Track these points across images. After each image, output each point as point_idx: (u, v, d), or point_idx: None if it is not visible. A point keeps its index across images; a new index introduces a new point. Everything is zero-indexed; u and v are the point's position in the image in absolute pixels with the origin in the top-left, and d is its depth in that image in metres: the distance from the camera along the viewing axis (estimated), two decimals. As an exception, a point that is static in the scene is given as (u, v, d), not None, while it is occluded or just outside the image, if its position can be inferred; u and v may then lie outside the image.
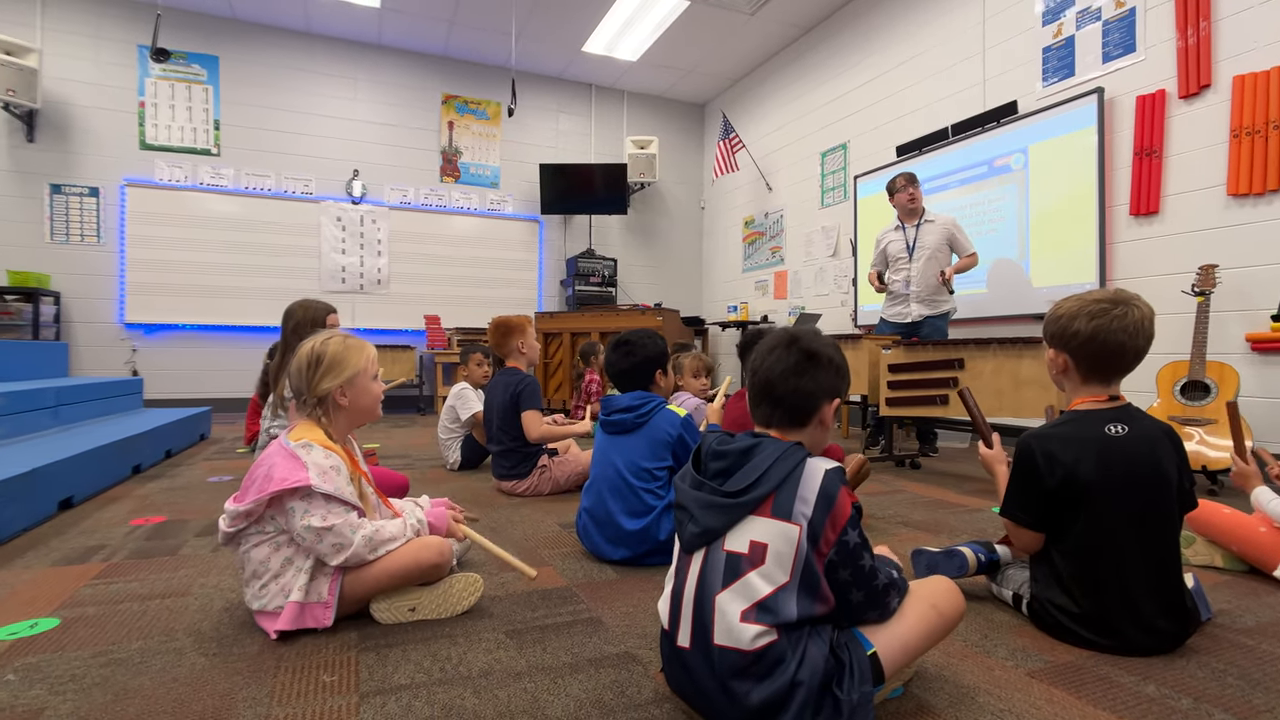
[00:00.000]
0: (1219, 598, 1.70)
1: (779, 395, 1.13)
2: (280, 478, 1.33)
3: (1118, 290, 1.41)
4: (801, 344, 1.15)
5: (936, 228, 4.18)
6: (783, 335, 1.19)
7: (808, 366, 1.13)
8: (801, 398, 1.13)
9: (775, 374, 1.14)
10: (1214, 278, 3.27)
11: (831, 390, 1.14)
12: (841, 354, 1.19)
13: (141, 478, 3.06)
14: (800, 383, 1.12)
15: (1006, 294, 4.80)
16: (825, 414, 1.15)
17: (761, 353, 1.19)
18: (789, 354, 1.14)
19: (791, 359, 1.14)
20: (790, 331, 1.19)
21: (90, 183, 5.85)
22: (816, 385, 1.13)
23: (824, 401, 1.14)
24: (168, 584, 1.67)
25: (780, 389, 1.13)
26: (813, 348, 1.14)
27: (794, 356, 1.14)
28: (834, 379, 1.15)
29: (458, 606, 1.51)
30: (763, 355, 1.18)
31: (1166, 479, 1.35)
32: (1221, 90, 3.46)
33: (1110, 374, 1.42)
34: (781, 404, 1.14)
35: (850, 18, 6.07)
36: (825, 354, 1.15)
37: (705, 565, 1.03)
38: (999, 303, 4.86)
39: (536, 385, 2.89)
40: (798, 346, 1.15)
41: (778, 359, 1.15)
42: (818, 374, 1.13)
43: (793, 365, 1.13)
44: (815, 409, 1.14)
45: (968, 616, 1.55)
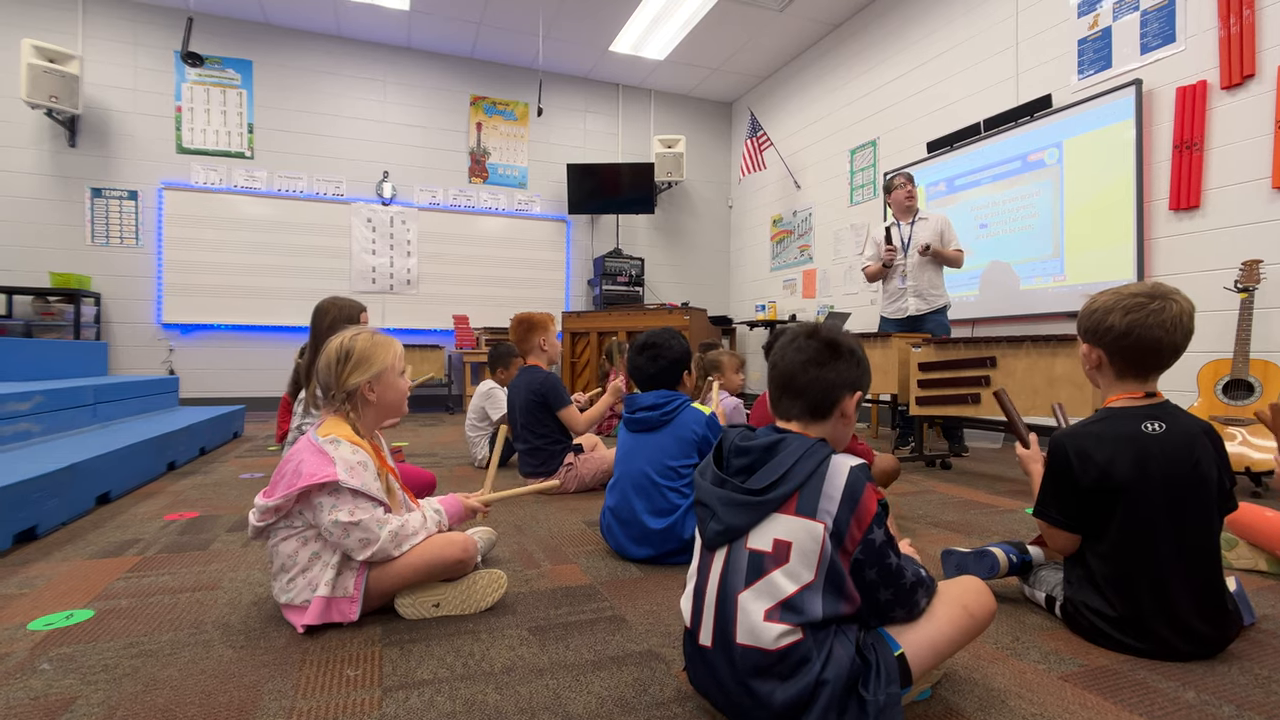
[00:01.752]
0: (1263, 603, 1.63)
1: (800, 386, 1.12)
2: (309, 473, 1.35)
3: (1155, 283, 1.37)
4: (822, 335, 1.14)
5: (929, 225, 4.28)
6: (803, 327, 1.17)
7: (828, 357, 1.11)
8: (822, 388, 1.11)
9: (795, 365, 1.12)
10: (1258, 273, 3.16)
11: (853, 382, 1.12)
12: (862, 349, 1.17)
13: (176, 474, 3.13)
14: (821, 373, 1.11)
15: (996, 296, 4.85)
16: (847, 406, 1.12)
17: (782, 345, 1.17)
18: (809, 344, 1.13)
19: (811, 349, 1.12)
20: (808, 326, 1.17)
21: (129, 186, 6.01)
22: (837, 375, 1.11)
23: (845, 393, 1.12)
24: (198, 578, 1.71)
25: (800, 380, 1.12)
26: (833, 339, 1.13)
27: (814, 347, 1.12)
28: (855, 371, 1.13)
29: (481, 603, 1.51)
30: (783, 348, 1.17)
31: (1205, 479, 1.31)
32: (1266, 80, 3.34)
33: (1146, 371, 1.37)
34: (802, 395, 1.12)
35: (880, 13, 5.99)
36: (846, 345, 1.13)
37: (728, 563, 1.02)
38: (990, 304, 4.90)
39: (560, 381, 2.90)
40: (818, 337, 1.13)
41: (798, 349, 1.13)
42: (838, 365, 1.11)
43: (813, 355, 1.11)
44: (836, 401, 1.12)
45: (998, 618, 1.52)
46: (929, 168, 5.44)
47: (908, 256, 4.30)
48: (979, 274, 4.97)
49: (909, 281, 4.30)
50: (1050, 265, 4.49)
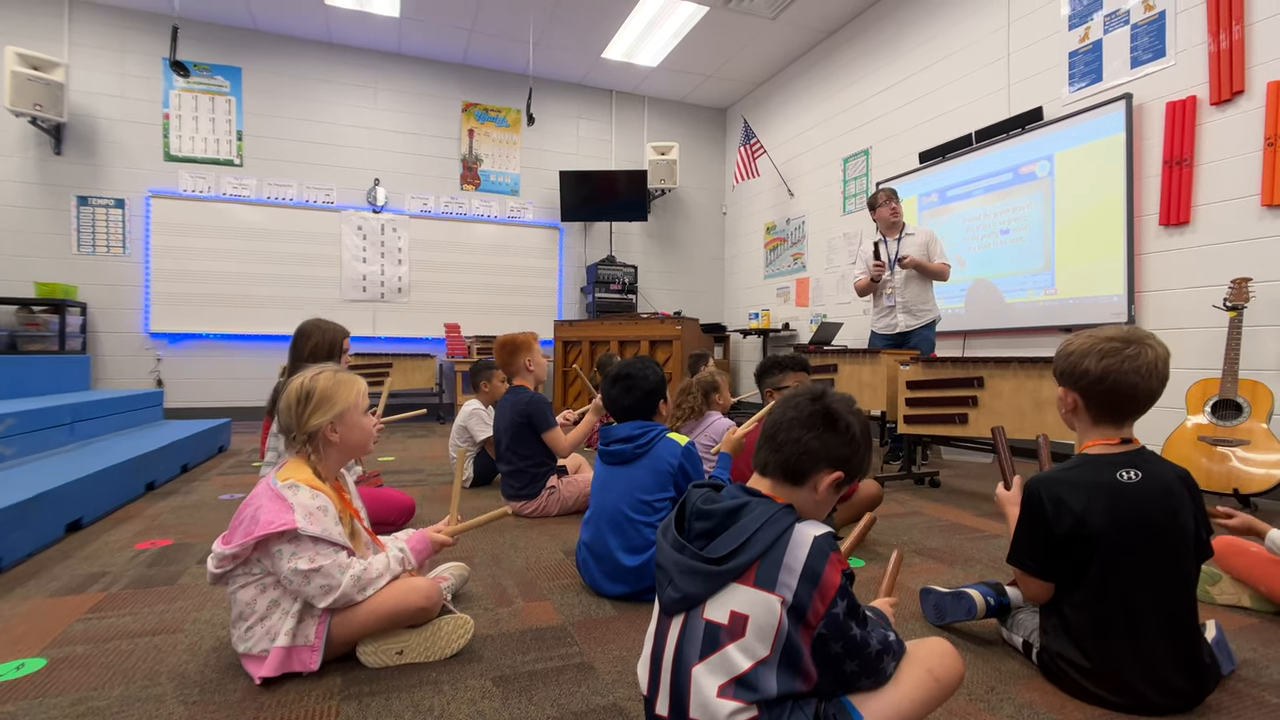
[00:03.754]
0: (1245, 644, 1.61)
1: (780, 442, 1.07)
2: (266, 520, 1.32)
3: (1132, 328, 1.34)
4: (824, 401, 1.08)
5: (916, 241, 4.30)
6: (810, 389, 1.12)
7: (819, 424, 1.06)
8: (801, 453, 1.05)
9: (785, 421, 1.08)
10: (1247, 291, 3.14)
11: (837, 460, 1.06)
12: (864, 426, 1.10)
13: (155, 495, 3.09)
14: (805, 437, 1.05)
15: (982, 312, 4.88)
16: (821, 481, 1.06)
17: (783, 400, 1.13)
18: (808, 406, 1.08)
19: (806, 412, 1.07)
20: (820, 389, 1.12)
21: (116, 194, 5.97)
22: (821, 446, 1.05)
23: (823, 467, 1.06)
24: (161, 618, 1.67)
25: (782, 436, 1.07)
26: (832, 409, 1.07)
27: (811, 409, 1.07)
28: (844, 449, 1.07)
29: (447, 649, 1.48)
30: (783, 401, 1.12)
31: (1182, 529, 1.28)
32: (1255, 97, 3.32)
33: (1122, 416, 1.34)
34: (779, 453, 1.07)
35: (872, 21, 5.96)
36: (845, 420, 1.07)
37: (684, 633, 0.99)
38: (975, 318, 4.93)
39: (546, 403, 2.87)
40: (820, 402, 1.08)
41: (795, 407, 1.09)
42: (827, 436, 1.06)
43: (805, 417, 1.07)
44: (812, 471, 1.06)
45: (975, 664, 1.49)
46: (921, 178, 5.42)
47: (894, 273, 4.30)
48: (965, 288, 4.96)
49: (897, 297, 4.31)
50: (1041, 279, 4.47)
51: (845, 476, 1.08)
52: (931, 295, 4.34)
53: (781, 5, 5.95)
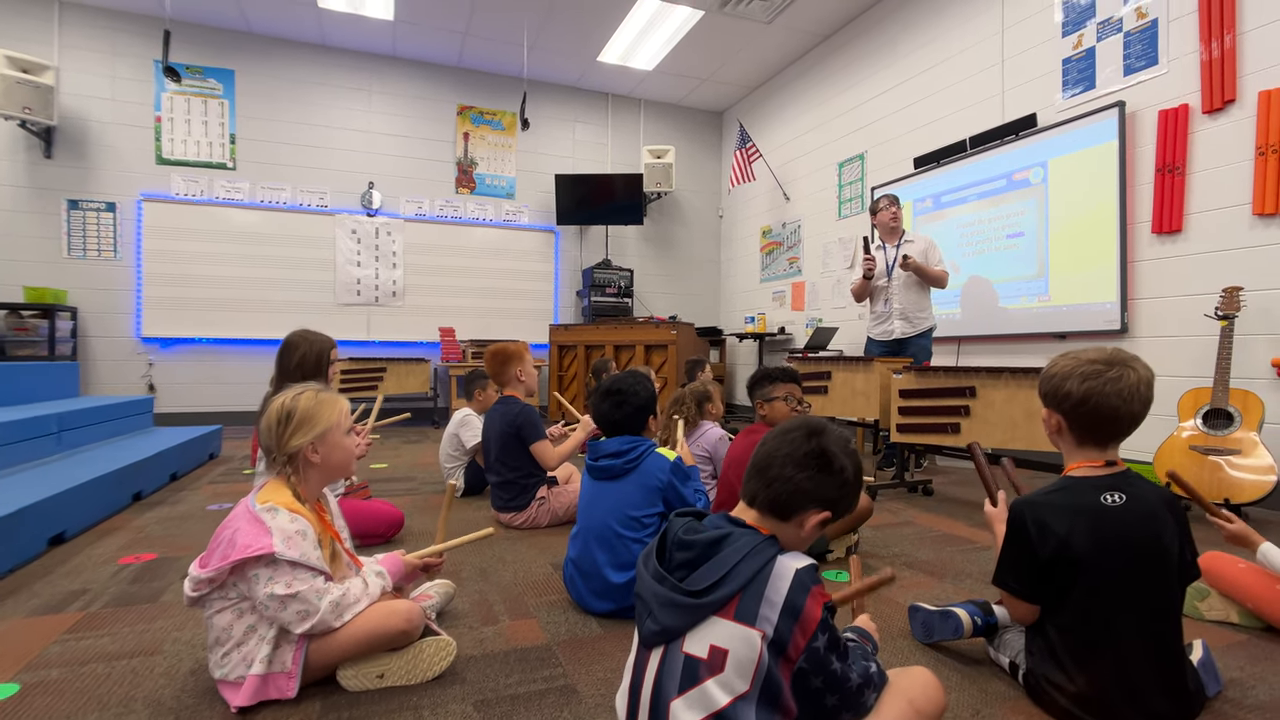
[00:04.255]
0: (1232, 662, 1.60)
1: (771, 477, 1.06)
2: (243, 544, 1.30)
3: (1115, 350, 1.33)
4: (820, 441, 1.07)
5: (914, 247, 4.28)
6: (808, 423, 1.10)
7: (813, 465, 1.05)
8: (791, 492, 1.05)
9: (778, 455, 1.07)
10: (1238, 301, 3.13)
11: (826, 501, 1.06)
12: (857, 469, 1.09)
13: (142, 505, 3.07)
14: (798, 476, 1.04)
15: (976, 316, 4.84)
16: (809, 521, 1.06)
17: (778, 430, 1.12)
18: (804, 443, 1.06)
19: (802, 449, 1.06)
20: (818, 424, 1.10)
21: (107, 198, 5.93)
22: (813, 487, 1.05)
23: (813, 507, 1.06)
24: (140, 639, 1.65)
25: (774, 472, 1.06)
26: (829, 450, 1.06)
27: (806, 447, 1.06)
28: (834, 491, 1.06)
29: (428, 672, 1.47)
30: (778, 433, 1.11)
31: (1165, 552, 1.27)
32: (1247, 106, 3.32)
33: (1105, 438, 1.33)
34: (770, 488, 1.06)
35: (868, 26, 5.96)
36: (839, 462, 1.06)
37: (663, 666, 0.98)
38: (971, 323, 4.89)
39: (536, 414, 2.85)
40: (816, 441, 1.06)
41: (790, 442, 1.07)
42: (820, 478, 1.05)
43: (800, 456, 1.05)
44: (801, 510, 1.06)
45: (962, 685, 1.48)
46: (916, 183, 5.41)
47: (892, 279, 4.29)
48: (958, 292, 4.95)
49: (894, 304, 4.30)
50: (1035, 285, 4.47)
51: (833, 516, 1.07)
52: (929, 303, 4.34)
53: (777, 10, 5.94)
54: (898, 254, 4.31)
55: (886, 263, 4.35)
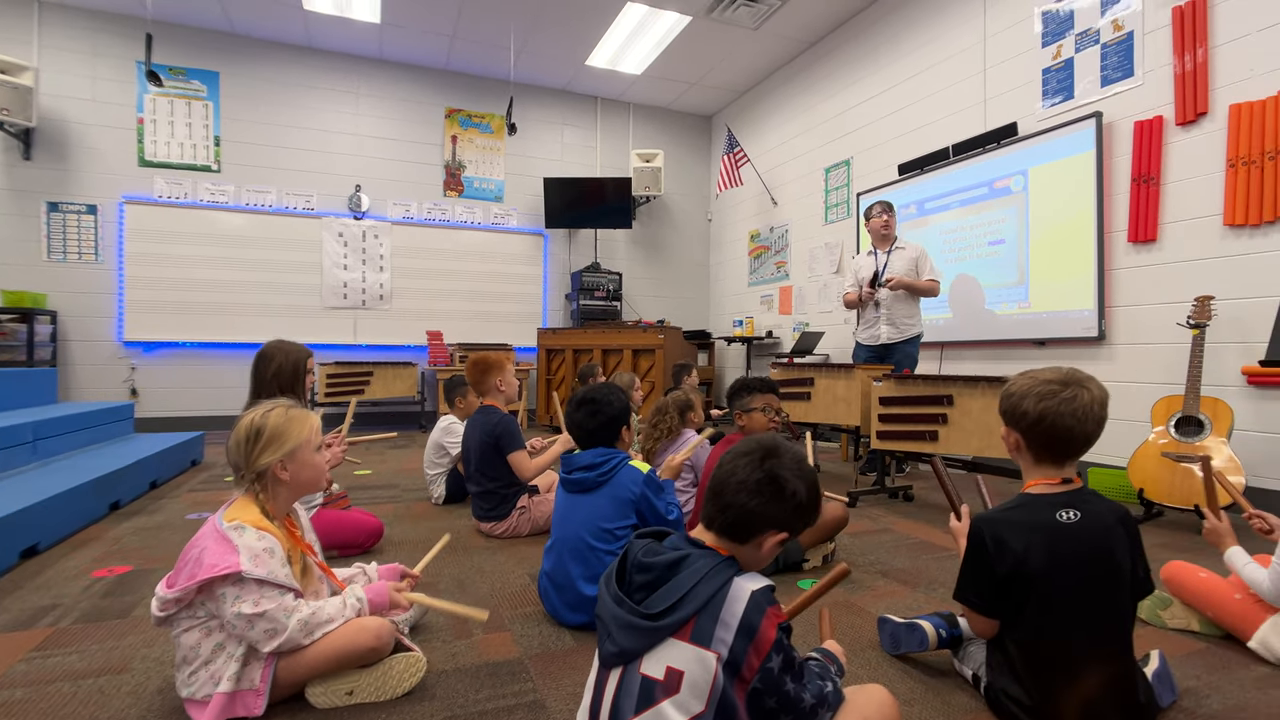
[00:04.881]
0: (1190, 671, 1.64)
1: (726, 503, 1.08)
2: (210, 564, 1.31)
3: (1070, 371, 1.36)
4: (770, 465, 1.08)
5: (905, 255, 4.33)
6: (761, 444, 1.12)
7: (767, 491, 1.07)
8: (747, 517, 1.07)
9: (732, 481, 1.08)
10: (1209, 310, 3.18)
11: (782, 524, 1.08)
12: (811, 489, 1.10)
13: (119, 514, 3.05)
14: (751, 503, 1.06)
15: (960, 320, 4.86)
16: (766, 542, 1.08)
17: (734, 452, 1.13)
18: (756, 469, 1.08)
19: (754, 476, 1.07)
20: (770, 445, 1.12)
21: (88, 200, 5.89)
22: (766, 512, 1.07)
23: (769, 531, 1.08)
24: (109, 656, 1.65)
25: (729, 498, 1.08)
26: (780, 474, 1.07)
27: (758, 474, 1.07)
28: (788, 515, 1.08)
29: (398, 688, 1.47)
30: (733, 456, 1.12)
31: (1119, 568, 1.30)
32: (1218, 118, 3.37)
33: (1061, 457, 1.36)
34: (725, 513, 1.08)
35: (854, 33, 6.00)
36: (790, 487, 1.07)
37: (621, 686, 0.99)
38: (958, 328, 4.91)
39: (515, 425, 2.86)
40: (768, 465, 1.08)
41: (743, 467, 1.09)
42: (771, 504, 1.07)
43: (753, 483, 1.07)
44: (757, 533, 1.08)
45: (926, 696, 1.51)
46: (900, 190, 5.45)
47: (881, 286, 4.33)
48: (946, 296, 4.98)
49: (883, 310, 4.34)
50: (1016, 292, 4.52)
51: (790, 535, 1.09)
52: (918, 310, 4.38)
53: (763, 16, 5.98)
54: (889, 260, 4.35)
55: (877, 269, 4.38)
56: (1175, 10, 3.55)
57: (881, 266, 4.37)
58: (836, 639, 1.37)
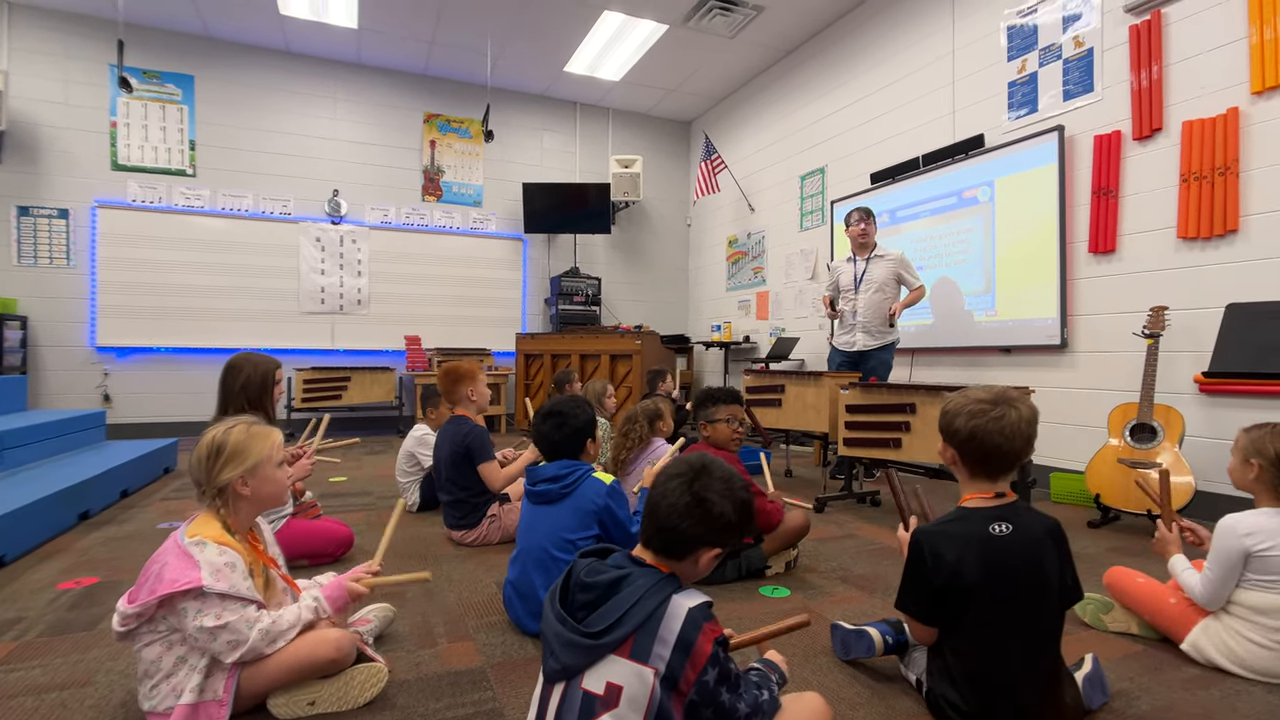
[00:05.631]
0: (1124, 673, 1.71)
1: (658, 525, 1.14)
2: (170, 579, 1.34)
3: (1001, 390, 1.42)
4: (698, 487, 1.13)
5: (885, 264, 4.36)
6: (690, 466, 1.17)
7: (695, 513, 1.12)
8: (680, 537, 1.12)
9: (664, 505, 1.14)
10: (1163, 320, 3.29)
11: (713, 542, 1.13)
12: (740, 507, 1.15)
13: (89, 525, 3.04)
14: (681, 525, 1.11)
15: (951, 322, 4.87)
16: (702, 557, 1.14)
17: (666, 474, 1.18)
18: (684, 493, 1.13)
19: (683, 500, 1.12)
20: (698, 466, 1.16)
21: (60, 204, 5.82)
22: (698, 533, 1.12)
23: (703, 548, 1.13)
24: (73, 670, 1.67)
25: (661, 520, 1.13)
26: (707, 497, 1.12)
27: (685, 498, 1.12)
28: (718, 534, 1.13)
29: (359, 698, 1.51)
30: (665, 478, 1.18)
31: (1047, 578, 1.37)
32: (1172, 134, 3.48)
33: (994, 472, 1.43)
34: (660, 534, 1.14)
35: (828, 42, 6.09)
36: (717, 509, 1.12)
37: (563, 701, 1.04)
38: (945, 334, 4.93)
39: (486, 435, 2.89)
40: (695, 488, 1.13)
41: (672, 491, 1.14)
42: (700, 526, 1.12)
43: (682, 507, 1.12)
44: (691, 551, 1.13)
45: (871, 701, 1.57)
46: (873, 198, 5.54)
47: (859, 292, 4.36)
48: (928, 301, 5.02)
49: (859, 317, 4.38)
50: (983, 300, 4.62)
51: (724, 549, 1.14)
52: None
53: (739, 25, 6.05)
54: (868, 268, 4.39)
55: (855, 276, 4.43)
56: (1132, 29, 3.67)
57: (860, 274, 4.41)
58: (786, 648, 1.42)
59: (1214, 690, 1.64)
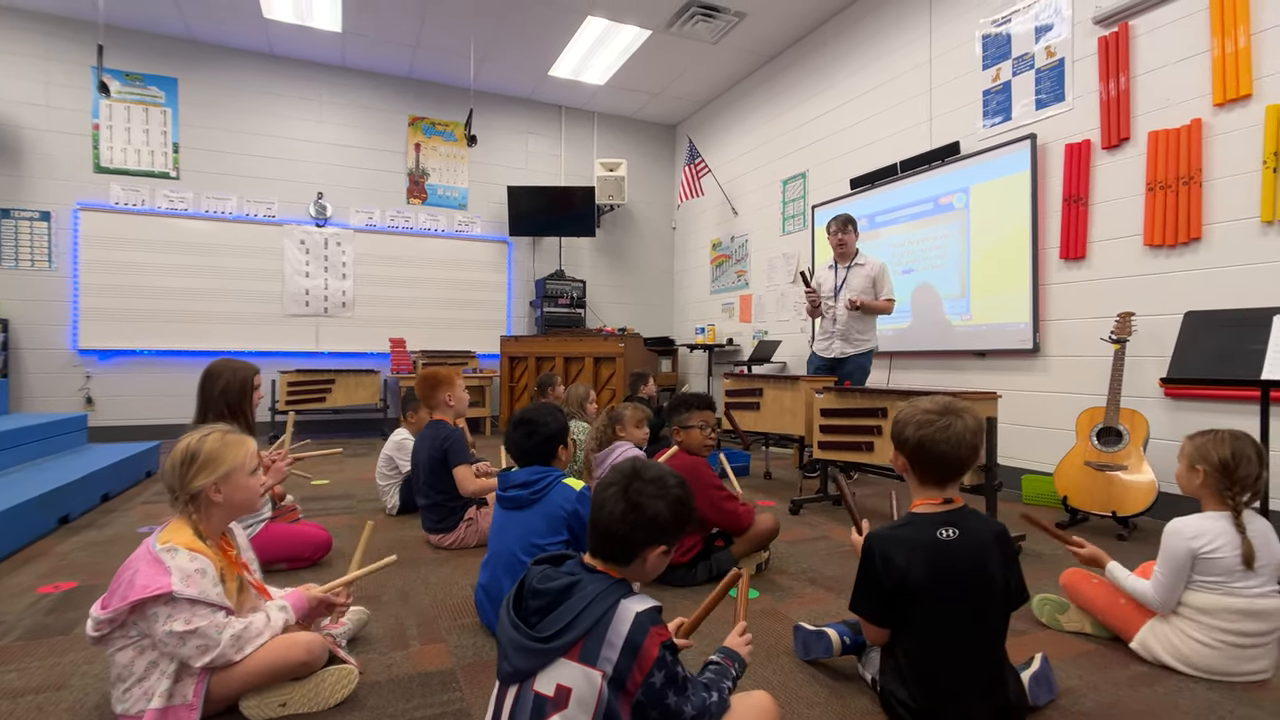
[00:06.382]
0: (1074, 671, 1.78)
1: (602, 532, 1.19)
2: (141, 585, 1.37)
3: (949, 401, 1.48)
4: (631, 493, 1.18)
5: (863, 272, 4.40)
6: (623, 474, 1.22)
7: (632, 516, 1.17)
8: (624, 542, 1.17)
9: (603, 515, 1.19)
10: (1130, 325, 3.38)
11: (655, 541, 1.18)
12: (674, 504, 1.20)
13: (68, 529, 3.06)
14: (620, 530, 1.17)
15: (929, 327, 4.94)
16: (649, 557, 1.19)
17: (602, 484, 1.23)
18: (619, 500, 1.18)
19: (619, 507, 1.17)
20: (630, 472, 1.21)
21: (41, 207, 5.80)
22: (638, 536, 1.17)
23: (646, 549, 1.18)
24: (49, 673, 1.69)
25: (604, 527, 1.18)
26: (640, 501, 1.17)
27: (621, 505, 1.17)
28: (656, 533, 1.18)
29: (330, 700, 1.55)
30: (602, 488, 1.23)
31: (992, 581, 1.43)
32: (1139, 144, 3.57)
33: (942, 479, 1.49)
34: (604, 542, 1.19)
35: (810, 49, 6.16)
36: (651, 510, 1.17)
37: (516, 703, 1.09)
38: (922, 338, 5.00)
39: (463, 438, 2.93)
40: (629, 493, 1.18)
41: (610, 500, 1.19)
42: (639, 529, 1.17)
43: (619, 514, 1.17)
44: (637, 554, 1.18)
45: (829, 700, 1.62)
46: (853, 203, 5.62)
47: (838, 300, 4.42)
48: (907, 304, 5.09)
49: (837, 325, 4.43)
50: (959, 305, 4.70)
51: (669, 546, 1.19)
52: (872, 325, 4.45)
53: (721, 31, 6.11)
54: (847, 276, 4.43)
55: (835, 283, 4.48)
56: (1101, 40, 3.75)
57: (840, 282, 4.46)
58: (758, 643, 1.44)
59: (1158, 687, 1.70)
